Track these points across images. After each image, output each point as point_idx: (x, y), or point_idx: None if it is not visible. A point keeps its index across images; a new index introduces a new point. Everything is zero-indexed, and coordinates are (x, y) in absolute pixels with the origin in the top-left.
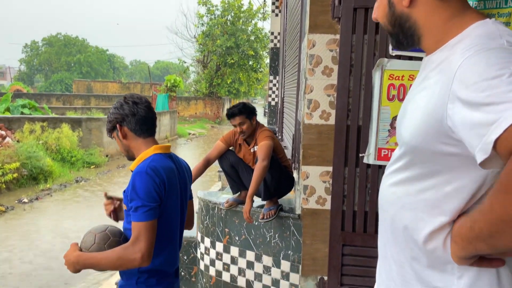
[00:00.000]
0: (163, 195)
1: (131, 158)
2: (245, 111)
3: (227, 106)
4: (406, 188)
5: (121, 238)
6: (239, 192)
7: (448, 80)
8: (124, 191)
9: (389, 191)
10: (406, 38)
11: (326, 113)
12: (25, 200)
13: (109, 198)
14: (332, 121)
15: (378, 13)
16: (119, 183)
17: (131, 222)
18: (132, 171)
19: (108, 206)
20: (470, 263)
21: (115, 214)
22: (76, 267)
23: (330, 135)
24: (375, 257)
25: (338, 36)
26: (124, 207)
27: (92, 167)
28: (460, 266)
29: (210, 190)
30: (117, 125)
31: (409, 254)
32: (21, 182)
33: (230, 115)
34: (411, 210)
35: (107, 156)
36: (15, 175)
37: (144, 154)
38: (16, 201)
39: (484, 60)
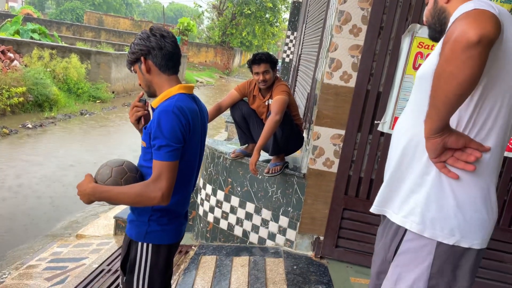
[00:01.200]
0: (187, 137)
1: (152, 94)
2: (272, 61)
3: (238, 57)
4: (412, 114)
5: (137, 174)
6: (246, 144)
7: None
8: (145, 128)
9: (402, 120)
10: (440, 26)
11: (347, 74)
12: (29, 125)
13: (143, 101)
14: (352, 83)
15: (426, 10)
16: (124, 119)
17: (153, 160)
18: (153, 108)
19: (139, 109)
20: (436, 150)
21: (145, 120)
22: (91, 199)
23: (347, 98)
24: (374, 225)
25: None
26: (143, 144)
27: (97, 101)
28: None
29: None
30: (142, 58)
31: (409, 158)
32: (26, 107)
33: (258, 60)
34: (416, 127)
35: (113, 92)
36: (21, 99)
37: (168, 92)
38: (20, 125)
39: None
